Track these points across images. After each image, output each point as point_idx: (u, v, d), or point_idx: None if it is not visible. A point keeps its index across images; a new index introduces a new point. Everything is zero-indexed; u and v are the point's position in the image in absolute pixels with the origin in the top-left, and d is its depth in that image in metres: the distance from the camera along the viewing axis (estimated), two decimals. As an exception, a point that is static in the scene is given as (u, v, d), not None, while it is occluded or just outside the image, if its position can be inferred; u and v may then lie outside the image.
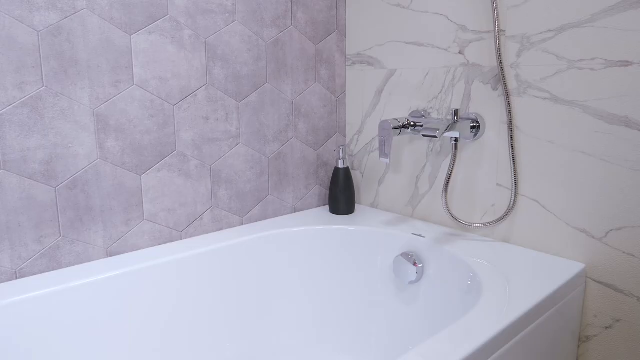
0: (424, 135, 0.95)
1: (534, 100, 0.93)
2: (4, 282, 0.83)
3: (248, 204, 1.15)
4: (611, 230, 0.86)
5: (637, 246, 0.83)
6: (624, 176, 0.83)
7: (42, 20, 0.81)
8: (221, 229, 1.11)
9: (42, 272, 0.87)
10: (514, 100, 0.96)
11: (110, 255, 0.95)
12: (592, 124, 0.86)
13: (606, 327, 0.89)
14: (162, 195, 1.00)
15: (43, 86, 0.83)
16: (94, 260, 0.93)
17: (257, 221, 1.17)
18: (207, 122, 1.04)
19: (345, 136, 1.32)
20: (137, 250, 0.98)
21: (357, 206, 1.30)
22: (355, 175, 1.31)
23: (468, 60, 1.02)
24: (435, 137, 0.93)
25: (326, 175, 1.30)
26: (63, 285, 0.83)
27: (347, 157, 1.30)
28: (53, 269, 0.88)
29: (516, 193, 0.98)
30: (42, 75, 0.83)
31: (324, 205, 1.31)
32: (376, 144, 1.25)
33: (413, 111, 1.14)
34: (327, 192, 1.31)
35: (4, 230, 0.82)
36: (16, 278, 0.85)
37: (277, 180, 1.19)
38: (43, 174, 0.85)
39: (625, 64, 0.80)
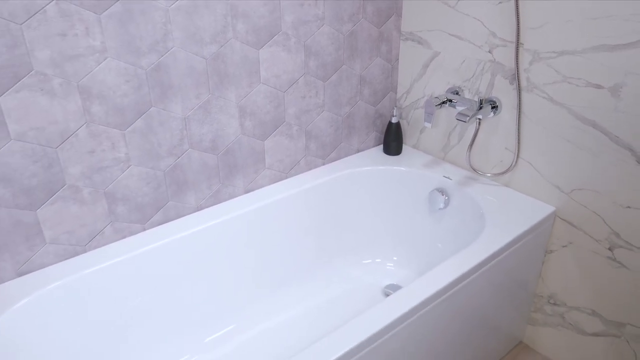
0: (457, 119, 1.38)
1: (537, 97, 1.33)
2: (192, 213, 1.37)
3: (327, 151, 1.62)
4: (574, 189, 1.33)
5: (588, 201, 1.30)
6: (587, 158, 1.27)
7: (208, 51, 1.23)
8: (310, 169, 1.60)
9: (211, 205, 1.40)
10: (524, 94, 1.36)
11: (247, 192, 1.47)
12: (572, 121, 1.28)
13: (563, 246, 1.40)
14: (276, 152, 1.48)
15: (210, 94, 1.27)
16: (238, 196, 1.45)
17: (333, 161, 1.66)
18: (304, 100, 1.48)
19: (396, 93, 1.73)
20: (262, 187, 1.49)
21: (403, 147, 1.76)
22: (403, 123, 1.76)
23: (495, 59, 1.40)
24: (465, 122, 1.36)
25: (381, 123, 1.75)
26: (228, 215, 1.37)
27: (398, 115, 1.72)
28: (216, 204, 1.41)
29: (517, 156, 1.43)
30: (209, 87, 1.26)
31: (379, 145, 1.78)
32: (420, 103, 1.67)
33: (450, 87, 1.54)
34: (382, 136, 1.77)
35: (191, 184, 1.33)
36: (197, 210, 1.38)
37: (347, 132, 1.65)
38: (211, 148, 1.33)
39: (598, 87, 1.20)
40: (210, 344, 1.39)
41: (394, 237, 1.70)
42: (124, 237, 1.26)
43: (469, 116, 1.37)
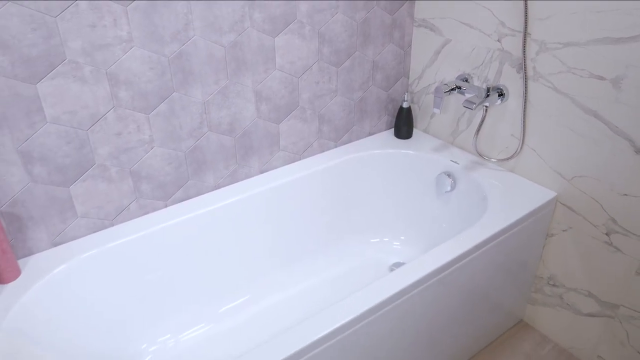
0: (464, 106, 1.43)
1: (543, 86, 1.37)
2: (210, 191, 1.46)
3: (340, 134, 1.69)
4: (575, 176, 1.38)
5: (588, 188, 1.36)
6: (588, 147, 1.32)
7: (227, 39, 1.30)
8: (323, 151, 1.68)
9: (228, 184, 1.49)
10: (530, 83, 1.40)
11: (262, 173, 1.55)
12: (575, 111, 1.32)
13: (563, 230, 1.46)
14: (290, 135, 1.56)
15: (228, 80, 1.35)
16: (253, 176, 1.54)
17: (345, 144, 1.73)
18: (317, 85, 1.54)
19: (408, 79, 1.78)
20: (276, 168, 1.58)
21: (414, 130, 1.82)
22: (414, 108, 1.81)
23: (503, 48, 1.44)
24: (472, 109, 1.41)
25: (393, 108, 1.80)
26: (244, 194, 1.46)
27: (409, 100, 1.77)
28: (233, 183, 1.50)
29: (522, 142, 1.48)
30: (227, 73, 1.34)
31: (390, 128, 1.84)
32: (432, 88, 1.72)
33: (460, 74, 1.58)
34: (393, 119, 1.83)
35: (209, 164, 1.42)
36: (215, 189, 1.47)
37: (360, 116, 1.71)
38: (228, 130, 1.41)
39: (601, 78, 1.24)
40: (224, 314, 1.50)
41: (402, 217, 1.77)
42: (148, 212, 1.36)
43: (475, 104, 1.42)
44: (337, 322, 1.02)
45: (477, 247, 1.26)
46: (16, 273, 1.13)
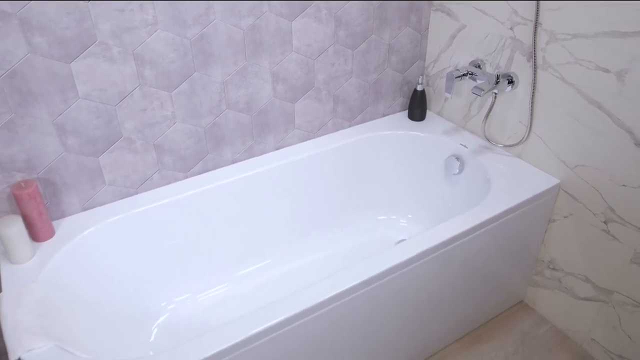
0: (472, 92, 1.48)
1: (551, 76, 1.40)
2: (227, 165, 1.56)
3: (354, 114, 1.76)
4: (578, 165, 1.42)
5: (589, 177, 1.39)
6: (591, 137, 1.35)
7: (245, 23, 1.37)
8: (337, 131, 1.75)
9: (244, 159, 1.59)
10: (539, 72, 1.43)
11: (277, 149, 1.64)
12: (580, 101, 1.35)
13: (564, 216, 1.51)
14: (305, 114, 1.63)
15: (246, 61, 1.43)
16: (269, 152, 1.63)
17: (359, 124, 1.79)
18: (333, 67, 1.61)
19: (424, 61, 1.82)
20: (290, 145, 1.66)
21: (427, 112, 1.86)
22: (429, 90, 1.85)
23: (515, 36, 1.47)
24: (480, 96, 1.45)
25: (408, 90, 1.85)
26: (260, 169, 1.55)
27: (424, 83, 1.81)
28: (249, 158, 1.60)
29: (530, 130, 1.52)
30: (245, 55, 1.42)
31: (404, 110, 1.89)
32: (446, 72, 1.75)
33: (473, 60, 1.61)
34: (408, 101, 1.87)
35: (227, 140, 1.52)
36: (232, 163, 1.57)
37: (374, 97, 1.77)
38: (246, 108, 1.50)
39: (606, 70, 1.26)
40: (240, 277, 1.62)
41: (410, 197, 1.84)
42: (169, 183, 1.48)
43: (484, 90, 1.46)
44: (343, 287, 1.12)
45: (478, 227, 1.33)
46: (51, 233, 1.27)
